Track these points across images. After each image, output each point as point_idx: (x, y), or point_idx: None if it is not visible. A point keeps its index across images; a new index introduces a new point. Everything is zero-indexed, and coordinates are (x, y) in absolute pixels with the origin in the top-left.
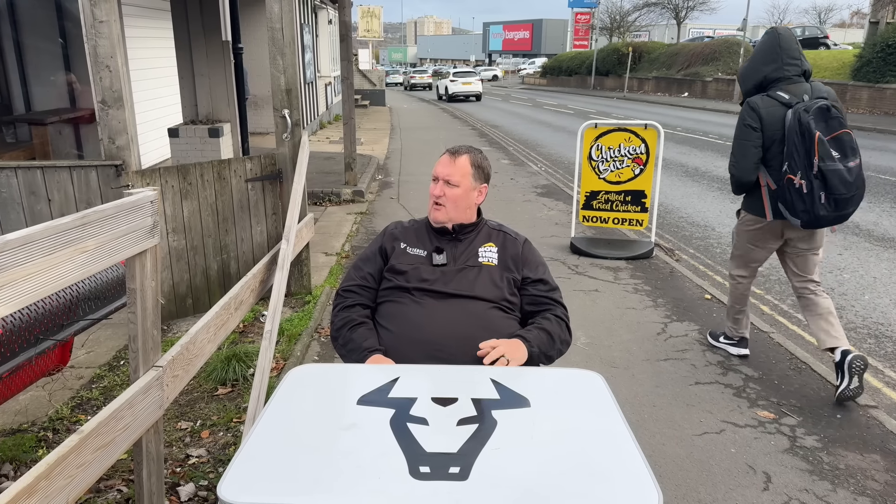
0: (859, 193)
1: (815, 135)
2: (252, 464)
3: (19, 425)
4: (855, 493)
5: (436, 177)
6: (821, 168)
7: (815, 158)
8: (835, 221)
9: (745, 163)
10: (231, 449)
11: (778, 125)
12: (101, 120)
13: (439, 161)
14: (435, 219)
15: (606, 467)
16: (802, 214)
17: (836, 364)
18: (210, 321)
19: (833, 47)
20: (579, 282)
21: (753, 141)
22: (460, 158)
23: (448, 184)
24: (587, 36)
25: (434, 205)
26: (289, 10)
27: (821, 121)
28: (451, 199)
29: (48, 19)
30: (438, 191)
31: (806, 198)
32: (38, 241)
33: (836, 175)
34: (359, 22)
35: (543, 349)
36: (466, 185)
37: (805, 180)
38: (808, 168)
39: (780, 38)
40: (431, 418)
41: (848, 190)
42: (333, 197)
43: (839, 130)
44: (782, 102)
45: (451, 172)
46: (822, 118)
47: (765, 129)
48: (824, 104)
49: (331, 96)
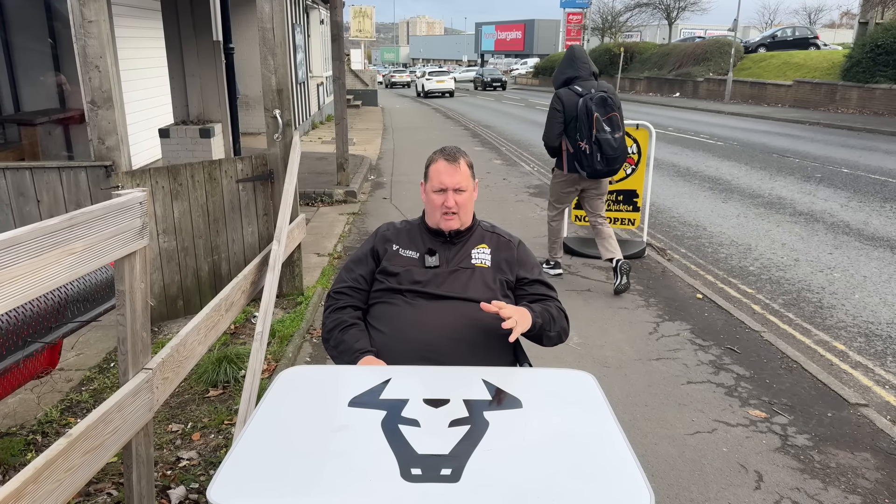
0: (622, 157)
1: (594, 115)
2: (242, 466)
3: (8, 429)
4: (846, 492)
5: (443, 188)
6: (597, 137)
7: (594, 131)
8: (608, 174)
9: (552, 133)
10: (222, 451)
11: (574, 108)
12: (91, 120)
13: (439, 171)
14: (449, 227)
15: (598, 467)
16: (587, 168)
17: (612, 269)
18: (201, 323)
19: (823, 48)
20: (571, 282)
21: (558, 119)
22: (461, 163)
23: (457, 191)
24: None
25: (445, 215)
26: (280, 9)
27: (600, 106)
28: (462, 205)
29: (37, 19)
30: (451, 202)
31: (589, 157)
32: (24, 242)
33: (607, 142)
34: (351, 22)
35: (544, 324)
36: (470, 187)
37: (588, 145)
38: (589, 137)
39: (576, 51)
40: (423, 420)
41: (614, 153)
42: (325, 197)
43: (611, 113)
44: (577, 93)
45: (459, 180)
46: (601, 104)
47: (566, 111)
48: (603, 95)
49: (323, 96)
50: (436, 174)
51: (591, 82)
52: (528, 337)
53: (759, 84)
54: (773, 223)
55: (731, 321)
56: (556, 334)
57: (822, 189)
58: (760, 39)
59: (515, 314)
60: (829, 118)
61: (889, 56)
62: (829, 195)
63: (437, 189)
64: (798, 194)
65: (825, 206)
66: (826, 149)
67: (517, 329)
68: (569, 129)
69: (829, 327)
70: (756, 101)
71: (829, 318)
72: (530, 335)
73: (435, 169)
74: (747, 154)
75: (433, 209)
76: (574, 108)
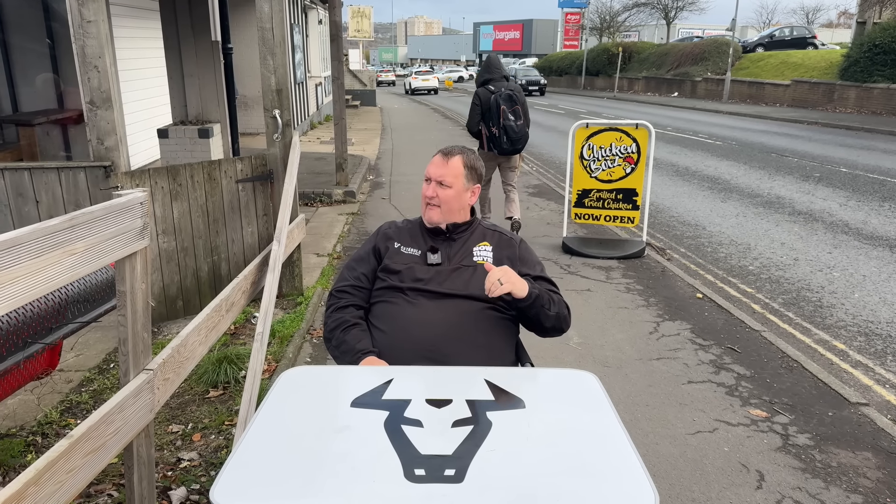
0: (523, 139)
1: (502, 107)
2: (244, 468)
3: (7, 430)
4: (847, 491)
5: (428, 177)
6: (504, 124)
7: (501, 119)
8: (513, 152)
9: (473, 121)
10: (223, 452)
11: (488, 103)
12: (90, 121)
13: (432, 161)
14: (429, 219)
15: (602, 468)
16: (497, 148)
17: (510, 226)
18: (201, 323)
19: (821, 47)
20: (571, 281)
21: (477, 110)
22: (453, 160)
23: (441, 185)
24: (577, 36)
25: (427, 205)
26: (279, 9)
27: (506, 101)
28: (444, 199)
29: (35, 19)
30: (431, 192)
31: (498, 139)
32: (25, 243)
33: (510, 128)
34: (349, 22)
35: (542, 299)
36: (459, 186)
37: (497, 130)
38: (498, 124)
39: (492, 59)
40: (426, 420)
41: (516, 136)
42: (325, 197)
43: (514, 106)
44: (491, 91)
45: (444, 174)
46: (507, 100)
47: (482, 105)
48: (510, 93)
49: (321, 96)
50: (428, 165)
51: (502, 83)
52: (525, 319)
53: (757, 84)
54: (772, 222)
55: (731, 320)
56: (556, 315)
57: (820, 188)
58: (758, 39)
59: (506, 275)
60: (828, 118)
61: (887, 55)
62: (827, 194)
63: (425, 178)
64: (797, 194)
65: (824, 206)
66: (824, 148)
67: (505, 287)
68: (485, 118)
69: (829, 326)
70: (754, 100)
71: (828, 318)
72: (528, 314)
73: (430, 161)
74: (746, 153)
75: (422, 200)
76: (489, 102)
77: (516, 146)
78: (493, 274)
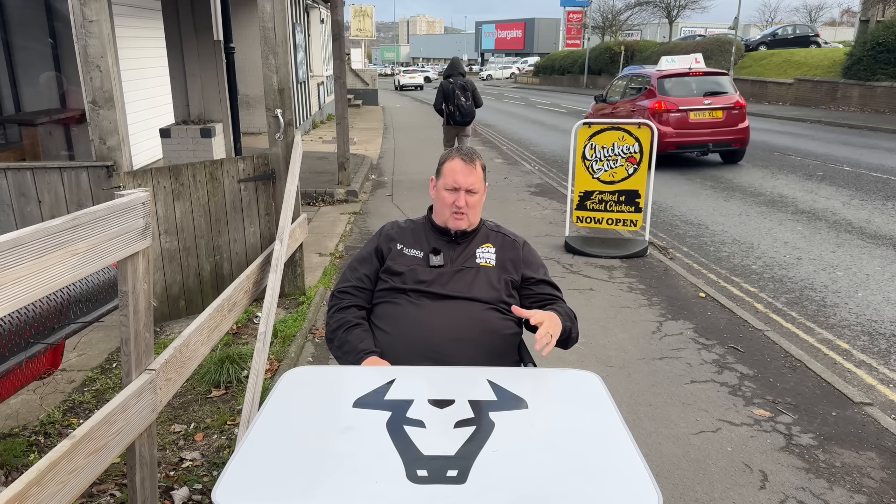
0: (471, 115)
1: (456, 92)
2: (247, 468)
3: (10, 430)
4: (851, 491)
5: (456, 187)
6: (457, 103)
7: (455, 100)
8: (464, 123)
9: (438, 103)
10: (225, 452)
11: (448, 90)
12: (92, 120)
13: (455, 169)
14: (457, 227)
15: (605, 469)
16: (453, 120)
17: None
18: (203, 323)
19: (824, 46)
20: (574, 281)
21: (440, 95)
22: (476, 165)
23: (469, 192)
24: (579, 35)
25: (454, 214)
26: (281, 9)
27: (460, 88)
28: (472, 205)
29: (37, 19)
30: (462, 202)
31: (454, 114)
32: (28, 243)
33: (461, 106)
34: (351, 21)
35: (572, 327)
36: (481, 189)
37: (453, 107)
38: (454, 103)
39: (454, 61)
40: (428, 421)
41: (466, 111)
42: (327, 197)
43: (466, 92)
44: (451, 83)
45: (474, 182)
46: (461, 88)
47: (444, 91)
48: (463, 83)
49: (323, 96)
50: (450, 172)
51: (459, 78)
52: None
53: (759, 82)
54: (775, 221)
55: (734, 320)
56: (576, 336)
57: (823, 187)
58: (761, 37)
59: (547, 321)
60: (831, 116)
61: (890, 54)
62: (830, 193)
63: (451, 188)
64: (800, 192)
65: (827, 205)
66: (827, 147)
67: (552, 342)
68: (446, 100)
69: (832, 326)
70: (757, 99)
71: (832, 317)
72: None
73: (450, 167)
74: (748, 152)
75: (443, 207)
76: (450, 90)
77: (466, 119)
78: (543, 329)
